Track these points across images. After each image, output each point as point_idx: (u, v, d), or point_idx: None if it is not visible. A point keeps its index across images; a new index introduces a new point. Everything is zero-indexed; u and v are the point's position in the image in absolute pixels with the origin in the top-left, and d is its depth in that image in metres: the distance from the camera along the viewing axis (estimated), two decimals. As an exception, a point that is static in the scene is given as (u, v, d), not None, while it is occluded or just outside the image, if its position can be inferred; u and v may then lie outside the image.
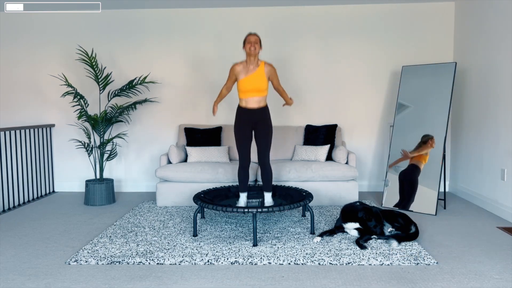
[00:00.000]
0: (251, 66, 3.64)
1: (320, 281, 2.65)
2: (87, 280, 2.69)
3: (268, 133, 3.74)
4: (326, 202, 4.52)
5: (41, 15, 5.33)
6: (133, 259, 2.99)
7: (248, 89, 3.63)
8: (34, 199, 5.04)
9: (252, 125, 3.72)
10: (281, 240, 3.39)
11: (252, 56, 3.60)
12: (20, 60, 5.40)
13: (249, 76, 3.62)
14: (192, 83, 5.38)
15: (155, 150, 5.44)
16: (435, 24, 5.18)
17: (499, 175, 4.12)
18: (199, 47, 5.34)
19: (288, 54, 5.27)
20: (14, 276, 2.77)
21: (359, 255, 3.04)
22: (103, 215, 4.30)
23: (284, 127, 5.19)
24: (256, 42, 3.60)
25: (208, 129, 5.14)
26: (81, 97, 4.76)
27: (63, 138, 5.44)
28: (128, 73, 5.32)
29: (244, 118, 3.71)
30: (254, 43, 3.58)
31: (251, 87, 3.62)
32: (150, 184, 5.46)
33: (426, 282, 2.62)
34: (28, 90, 5.42)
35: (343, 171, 4.49)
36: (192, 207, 4.50)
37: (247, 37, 3.63)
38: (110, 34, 5.35)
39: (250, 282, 2.64)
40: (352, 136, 5.37)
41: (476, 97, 4.60)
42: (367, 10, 5.21)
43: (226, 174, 4.50)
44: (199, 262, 2.94)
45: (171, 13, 5.31)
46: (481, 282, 2.62)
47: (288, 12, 5.26)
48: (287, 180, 4.49)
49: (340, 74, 5.31)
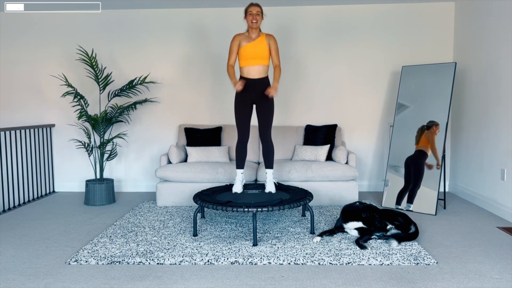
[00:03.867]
0: (253, 36, 3.69)
1: (320, 281, 2.65)
2: (87, 280, 2.69)
3: (269, 108, 3.74)
4: (326, 202, 4.52)
5: (41, 15, 5.33)
6: (133, 259, 2.99)
7: (250, 56, 3.65)
8: (34, 199, 5.04)
9: (252, 99, 3.71)
10: (281, 240, 3.39)
11: (254, 28, 3.65)
12: (20, 60, 5.40)
13: (251, 44, 3.65)
14: (192, 83, 5.38)
15: (155, 150, 5.45)
16: (435, 24, 5.18)
17: (499, 175, 4.12)
18: (199, 47, 5.34)
19: (288, 54, 5.27)
20: (14, 276, 2.77)
21: (359, 255, 3.04)
22: (103, 215, 4.30)
23: (284, 127, 5.19)
24: (258, 14, 3.63)
25: (208, 129, 5.14)
26: (81, 97, 4.76)
27: (63, 138, 5.44)
28: (128, 73, 5.32)
29: (245, 89, 3.68)
30: (255, 15, 3.62)
31: (253, 54, 3.64)
32: (150, 184, 5.46)
33: (426, 282, 2.62)
34: (28, 90, 5.42)
35: (343, 171, 4.49)
36: (192, 207, 4.50)
37: (249, 8, 3.65)
38: (110, 34, 5.35)
39: (250, 282, 2.64)
40: (352, 136, 5.37)
41: (476, 97, 4.60)
42: (367, 10, 5.21)
43: (226, 174, 4.50)
44: (199, 262, 2.95)
45: (171, 13, 5.31)
46: (481, 282, 2.62)
47: (288, 12, 5.26)
48: (287, 180, 4.49)
49: (340, 74, 5.31)
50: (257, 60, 3.65)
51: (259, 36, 3.69)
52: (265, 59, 3.68)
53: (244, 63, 3.69)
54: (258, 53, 3.65)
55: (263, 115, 3.74)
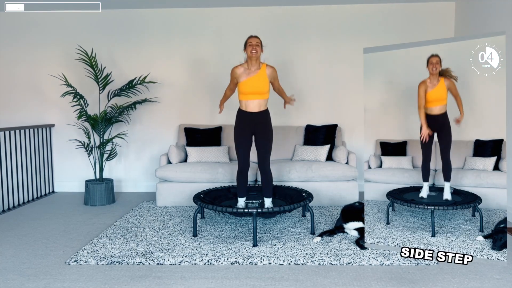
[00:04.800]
0: (252, 68, 3.57)
1: (320, 281, 2.64)
2: (87, 280, 2.69)
3: (268, 138, 3.68)
4: (326, 202, 4.52)
5: (41, 15, 5.33)
6: (133, 259, 2.99)
7: (249, 91, 3.56)
8: (34, 199, 5.04)
9: (252, 129, 3.65)
10: (281, 240, 3.39)
11: (254, 59, 3.55)
12: (20, 60, 5.39)
13: (251, 78, 3.55)
14: (192, 83, 5.38)
15: (155, 150, 5.44)
16: (435, 24, 5.18)
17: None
18: (199, 47, 5.34)
19: (288, 53, 5.27)
20: (14, 276, 2.77)
21: (359, 255, 3.04)
22: (103, 215, 4.30)
23: (284, 127, 5.19)
24: (257, 44, 3.54)
25: (208, 129, 5.14)
26: (81, 97, 4.76)
27: (63, 138, 5.44)
28: (128, 73, 5.31)
29: (244, 122, 3.63)
30: (255, 46, 3.53)
31: (252, 89, 3.55)
32: (150, 184, 5.46)
33: (426, 282, 2.62)
34: (28, 90, 5.42)
35: (343, 171, 4.49)
36: (192, 207, 4.50)
37: (248, 40, 3.59)
38: (110, 34, 5.34)
39: (250, 282, 2.64)
40: (352, 136, 5.37)
41: (477, 97, 4.59)
42: (367, 10, 5.21)
43: (226, 174, 4.50)
44: (199, 262, 2.94)
45: (171, 13, 5.31)
46: (481, 282, 2.61)
47: (288, 12, 5.25)
48: (287, 180, 4.49)
49: (340, 74, 5.31)
50: (257, 95, 3.57)
51: (259, 69, 3.58)
52: (265, 93, 3.60)
53: (243, 98, 3.61)
54: (258, 88, 3.56)
55: (262, 144, 3.67)
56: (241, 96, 3.63)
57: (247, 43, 3.59)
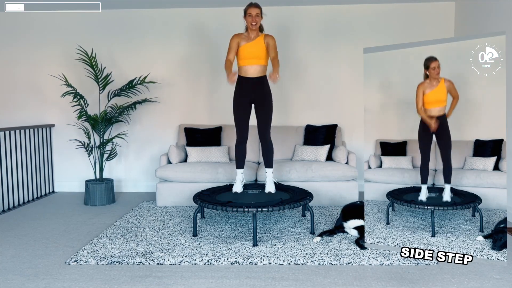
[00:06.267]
0: (252, 35, 3.69)
1: (320, 281, 2.64)
2: (87, 280, 2.69)
3: (268, 107, 3.75)
4: (326, 202, 4.52)
5: (41, 15, 5.33)
6: (133, 259, 2.99)
7: (248, 55, 3.65)
8: (34, 199, 5.04)
9: (251, 98, 3.71)
10: (281, 240, 3.39)
11: (254, 30, 3.65)
12: (20, 60, 5.40)
13: (250, 43, 3.66)
14: (192, 83, 5.38)
15: (155, 150, 5.44)
16: (435, 24, 5.18)
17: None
18: (199, 47, 5.34)
19: (288, 53, 5.26)
20: (14, 276, 2.77)
21: (359, 255, 3.04)
22: (103, 215, 4.30)
23: (284, 127, 5.19)
24: (257, 15, 3.62)
25: (208, 129, 5.14)
26: (81, 97, 4.76)
27: (63, 138, 5.43)
28: (128, 73, 5.31)
29: (243, 89, 3.70)
30: (255, 17, 3.61)
31: (251, 54, 3.64)
32: (150, 184, 5.46)
33: (426, 282, 2.62)
34: (28, 90, 5.42)
35: (343, 171, 4.49)
36: (192, 207, 4.50)
37: (248, 9, 3.64)
38: (110, 34, 5.35)
39: (250, 282, 2.64)
40: (352, 136, 5.37)
41: (477, 97, 4.59)
42: (367, 10, 5.21)
43: (226, 174, 4.50)
44: (199, 262, 2.94)
45: (171, 13, 5.31)
46: (481, 282, 2.62)
47: (288, 12, 5.25)
48: (287, 180, 4.49)
49: (340, 74, 5.31)
50: (255, 60, 3.66)
51: (258, 36, 3.69)
52: (263, 59, 3.68)
53: (242, 63, 3.69)
54: (256, 53, 3.65)
55: (262, 114, 3.74)
56: (240, 61, 3.70)
57: (247, 13, 3.64)
